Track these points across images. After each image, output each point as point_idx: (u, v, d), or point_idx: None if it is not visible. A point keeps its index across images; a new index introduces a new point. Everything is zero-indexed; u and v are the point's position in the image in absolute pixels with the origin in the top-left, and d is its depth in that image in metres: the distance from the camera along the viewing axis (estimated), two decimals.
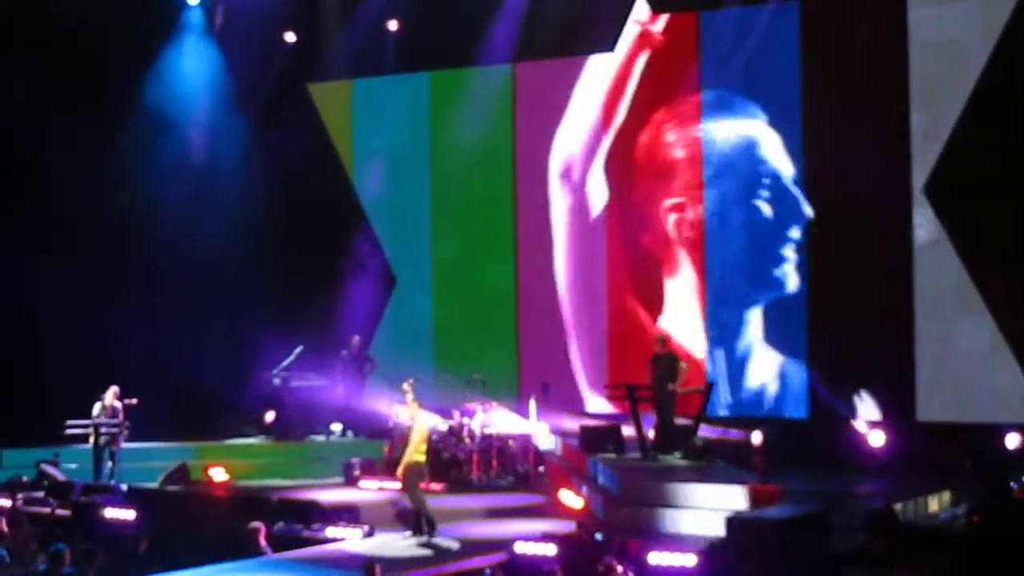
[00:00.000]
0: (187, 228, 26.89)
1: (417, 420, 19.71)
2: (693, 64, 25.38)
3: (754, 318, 24.65)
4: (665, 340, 22.59)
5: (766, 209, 24.53)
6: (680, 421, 21.93)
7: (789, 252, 24.23)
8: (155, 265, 26.67)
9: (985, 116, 21.95)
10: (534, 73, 26.90)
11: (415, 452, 19.48)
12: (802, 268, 23.99)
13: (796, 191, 24.11)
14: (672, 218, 25.42)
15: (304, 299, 27.30)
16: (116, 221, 26.88)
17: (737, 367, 24.60)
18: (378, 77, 28.30)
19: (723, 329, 24.90)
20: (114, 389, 23.28)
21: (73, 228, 26.25)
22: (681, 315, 25.35)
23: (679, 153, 25.49)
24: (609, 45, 25.77)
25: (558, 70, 26.56)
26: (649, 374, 22.07)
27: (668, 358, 22.22)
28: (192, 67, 28.13)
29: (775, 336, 24.24)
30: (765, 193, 24.55)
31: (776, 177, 24.41)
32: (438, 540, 18.85)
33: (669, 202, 25.46)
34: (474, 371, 24.62)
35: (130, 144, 26.94)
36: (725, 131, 25.01)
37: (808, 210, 23.92)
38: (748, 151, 24.77)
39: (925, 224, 22.64)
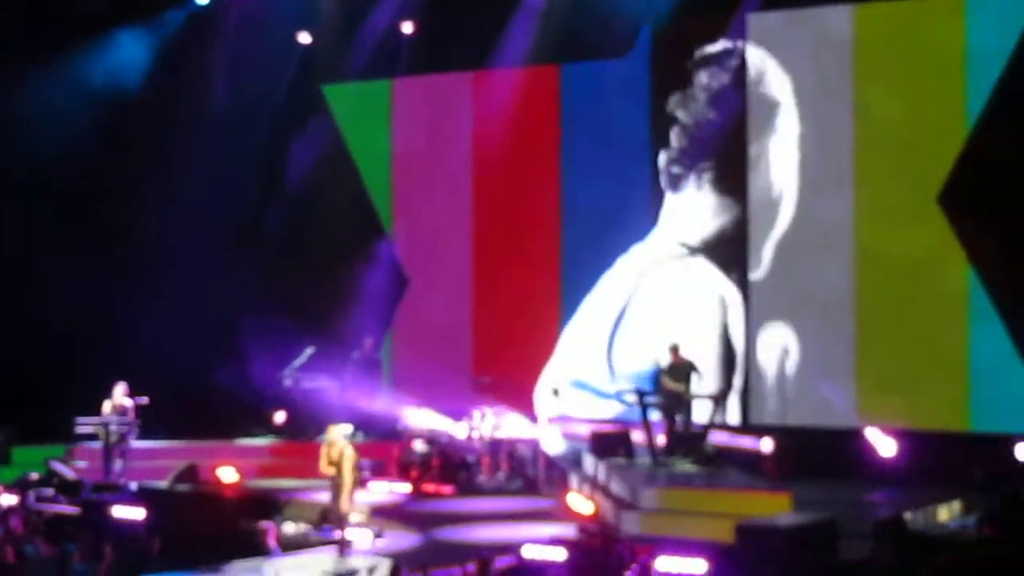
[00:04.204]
0: (199, 226, 26.92)
1: (346, 455, 18.84)
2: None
3: None
4: (677, 348, 22.62)
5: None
6: (694, 428, 22.01)
7: None
8: (166, 264, 26.67)
9: (999, 122, 21.90)
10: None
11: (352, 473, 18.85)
12: None
13: None
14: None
15: (316, 300, 27.33)
16: (126, 218, 26.94)
17: None
18: (393, 79, 28.30)
19: None
20: (122, 386, 23.25)
21: (82, 225, 26.25)
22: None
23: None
24: (623, 50, 25.76)
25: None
26: (665, 382, 22.23)
27: (687, 366, 22.35)
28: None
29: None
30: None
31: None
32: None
33: None
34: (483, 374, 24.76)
35: (138, 143, 27.00)
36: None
37: None
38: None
39: None
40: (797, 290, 23.69)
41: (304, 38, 28.21)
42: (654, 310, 25.22)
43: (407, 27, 27.44)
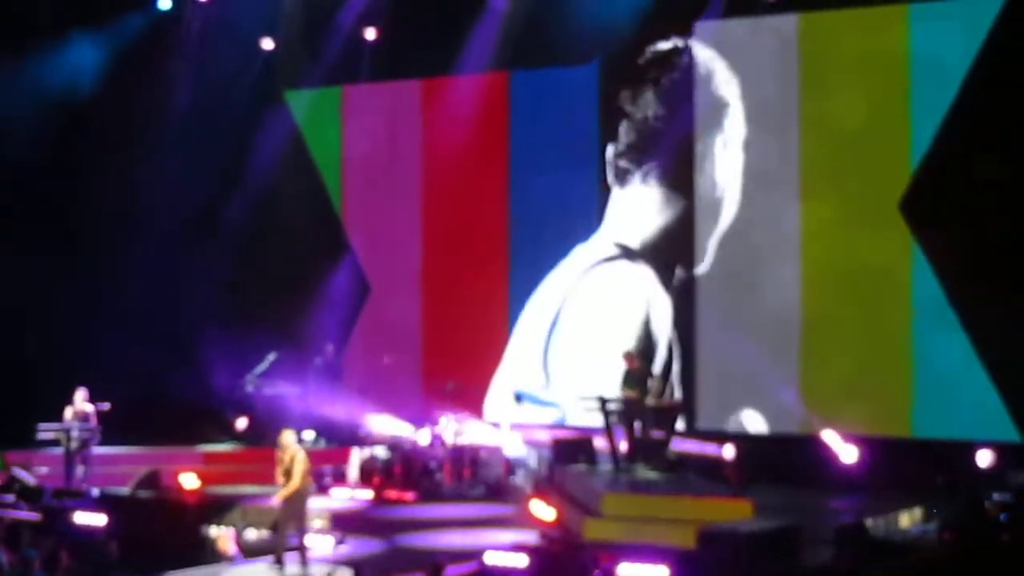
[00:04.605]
0: (160, 231, 26.82)
1: (297, 459, 18.05)
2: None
3: None
4: (632, 355, 22.66)
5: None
6: (654, 434, 22.02)
7: None
8: (127, 269, 26.54)
9: (960, 132, 22.01)
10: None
11: (301, 479, 18.07)
12: None
13: None
14: None
15: (278, 306, 27.25)
16: (86, 223, 26.83)
17: None
18: (344, 85, 28.28)
19: None
20: (83, 392, 23.11)
21: (42, 230, 26.14)
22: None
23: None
24: (588, 57, 25.76)
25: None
26: (625, 389, 22.24)
27: (642, 372, 22.39)
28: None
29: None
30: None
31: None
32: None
33: None
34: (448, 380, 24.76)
35: (99, 149, 26.93)
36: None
37: None
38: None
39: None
40: (741, 290, 23.87)
41: (267, 44, 28.12)
42: (589, 316, 25.41)
43: (370, 34, 27.40)
